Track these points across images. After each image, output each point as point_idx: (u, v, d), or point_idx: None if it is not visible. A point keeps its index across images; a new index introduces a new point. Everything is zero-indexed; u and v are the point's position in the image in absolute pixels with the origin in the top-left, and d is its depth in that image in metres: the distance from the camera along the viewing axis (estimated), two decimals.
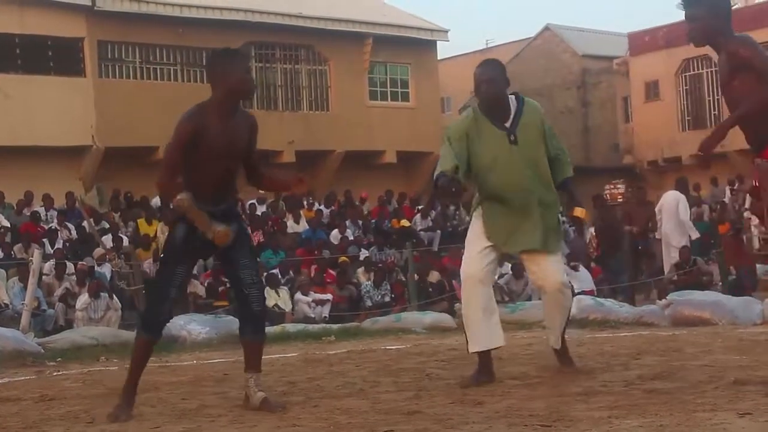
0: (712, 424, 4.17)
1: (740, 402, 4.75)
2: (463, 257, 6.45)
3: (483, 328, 6.18)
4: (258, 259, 6.15)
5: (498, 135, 6.26)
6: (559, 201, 6.56)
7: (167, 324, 5.75)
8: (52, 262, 15.68)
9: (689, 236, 15.46)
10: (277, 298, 15.35)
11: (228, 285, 15.20)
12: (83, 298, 14.31)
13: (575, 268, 15.30)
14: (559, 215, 6.71)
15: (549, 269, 6.33)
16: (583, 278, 15.35)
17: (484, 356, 6.19)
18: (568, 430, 4.26)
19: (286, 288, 16.07)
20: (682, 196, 15.73)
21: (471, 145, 6.29)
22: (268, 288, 14.15)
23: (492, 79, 6.29)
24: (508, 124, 6.29)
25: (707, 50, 22.75)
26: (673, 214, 15.18)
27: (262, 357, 5.65)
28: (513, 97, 6.39)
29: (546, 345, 7.88)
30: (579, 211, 6.41)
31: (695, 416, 4.40)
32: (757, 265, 16.10)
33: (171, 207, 5.45)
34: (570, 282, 7.41)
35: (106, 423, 5.22)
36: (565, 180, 6.48)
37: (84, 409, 5.79)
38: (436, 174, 6.18)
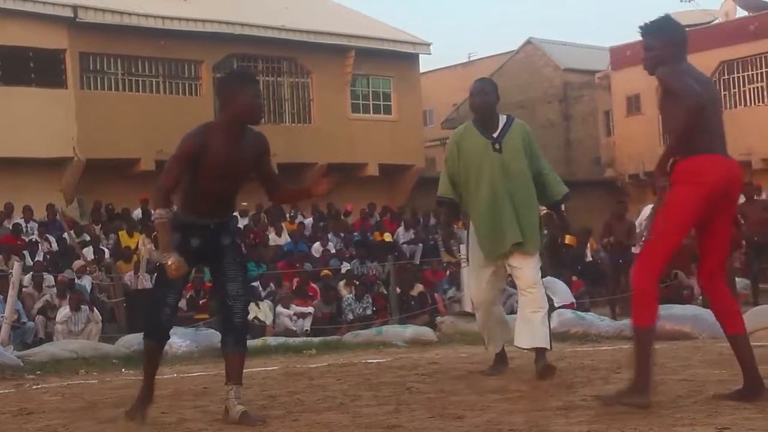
0: None
1: (719, 416, 4.76)
2: (471, 281, 7.57)
3: (500, 334, 7.37)
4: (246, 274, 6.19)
5: (484, 143, 7.08)
6: (539, 212, 7.27)
7: (170, 328, 5.78)
8: (31, 274, 15.61)
9: None
10: (257, 310, 15.32)
11: (209, 297, 15.22)
12: (64, 311, 14.24)
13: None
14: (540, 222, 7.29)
15: (525, 267, 7.04)
16: (562, 292, 15.33)
17: (501, 353, 7.43)
18: None
19: (267, 301, 16.05)
20: None
21: (460, 154, 7.18)
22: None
23: (484, 91, 7.20)
24: (495, 135, 7.10)
25: None
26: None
27: (244, 370, 5.64)
28: (505, 116, 7.25)
29: (526, 359, 7.90)
30: (569, 239, 7.02)
31: (674, 430, 4.41)
32: (737, 279, 16.15)
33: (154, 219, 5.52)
34: (548, 294, 8.04)
35: None
36: (557, 202, 7.35)
37: (63, 423, 5.76)
38: (439, 196, 7.33)
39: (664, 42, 5.15)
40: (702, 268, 5.37)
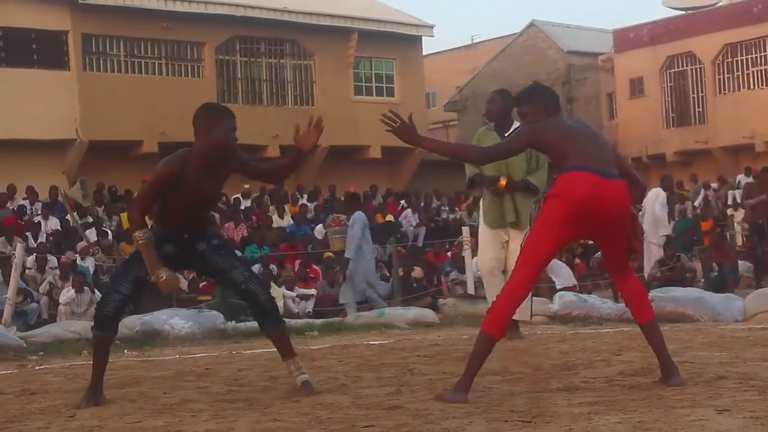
0: (690, 421, 4.19)
1: (719, 398, 4.77)
2: (479, 254, 9.26)
3: None
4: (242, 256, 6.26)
5: (496, 140, 8.23)
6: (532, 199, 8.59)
7: (120, 317, 5.80)
8: (35, 255, 15.63)
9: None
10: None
11: (210, 280, 15.24)
12: (68, 293, 14.27)
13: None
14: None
15: (515, 240, 8.48)
16: (564, 274, 15.35)
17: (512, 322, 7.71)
18: (548, 425, 4.27)
19: (272, 283, 16.06)
20: (663, 193, 15.78)
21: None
22: None
23: (493, 100, 8.86)
24: (506, 134, 8.42)
25: (691, 47, 22.74)
26: (652, 211, 15.24)
27: (252, 351, 5.67)
28: (518, 123, 7.87)
29: (528, 341, 7.92)
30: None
31: (674, 412, 4.42)
32: (740, 262, 16.17)
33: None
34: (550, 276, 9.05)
35: (87, 417, 5.21)
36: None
37: (65, 404, 5.77)
38: (472, 175, 8.86)
39: (534, 108, 5.58)
40: (608, 268, 5.94)
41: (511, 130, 8.44)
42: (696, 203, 21.53)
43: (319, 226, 20.11)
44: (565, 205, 5.14)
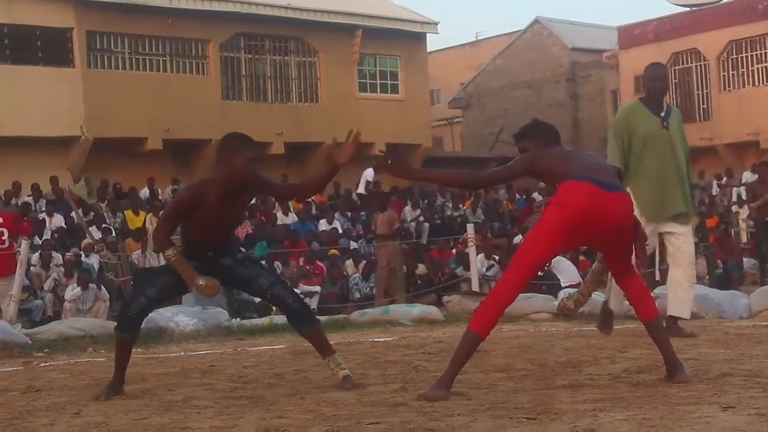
0: (695, 418, 4.19)
1: (724, 395, 4.77)
2: None
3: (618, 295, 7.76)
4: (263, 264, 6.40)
5: (655, 121, 7.93)
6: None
7: (147, 317, 6.01)
8: (39, 252, 15.65)
9: None
10: None
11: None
12: (73, 290, 14.29)
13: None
14: None
15: (684, 237, 8.02)
16: (569, 271, 15.34)
17: (609, 312, 8.09)
18: (553, 422, 4.27)
19: None
20: None
21: (629, 127, 7.96)
22: None
23: (660, 77, 8.29)
24: (662, 114, 7.99)
25: (696, 44, 22.70)
26: None
27: (255, 348, 5.69)
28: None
29: (533, 338, 7.92)
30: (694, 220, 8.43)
31: (679, 409, 4.42)
32: (745, 259, 16.16)
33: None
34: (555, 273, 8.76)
35: (92, 414, 5.22)
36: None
37: (71, 400, 5.78)
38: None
39: (534, 145, 5.56)
40: (609, 269, 5.91)
41: (665, 109, 8.06)
42: (713, 192, 21.64)
43: (323, 221, 20.14)
44: (563, 214, 5.15)
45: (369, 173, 22.95)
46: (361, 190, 23.60)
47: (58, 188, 20.03)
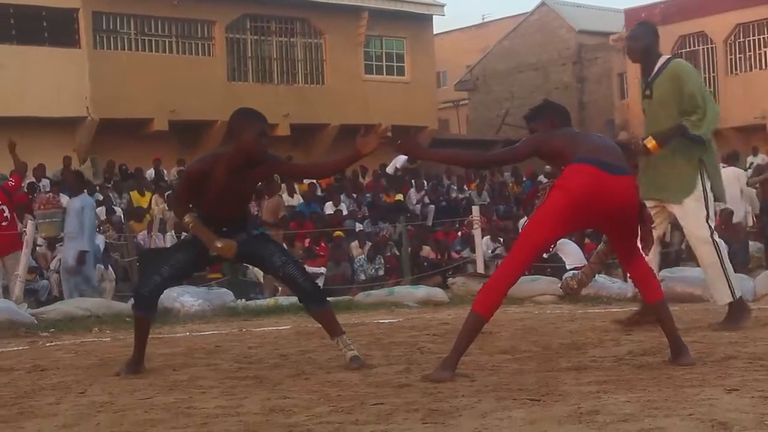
0: (699, 400, 4.20)
1: (728, 378, 4.78)
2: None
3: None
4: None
5: (641, 88, 7.16)
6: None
7: (157, 299, 6.02)
8: None
9: None
10: None
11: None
12: None
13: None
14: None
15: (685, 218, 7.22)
16: (574, 253, 15.31)
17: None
18: (557, 404, 4.28)
19: None
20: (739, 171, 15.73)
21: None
22: None
23: (636, 36, 7.25)
24: (648, 79, 7.13)
25: (703, 27, 22.68)
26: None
27: (262, 328, 5.71)
28: (666, 57, 7.16)
29: (537, 320, 7.92)
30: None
31: (683, 391, 4.43)
32: (750, 242, 16.13)
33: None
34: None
35: (98, 393, 5.24)
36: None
37: (76, 380, 5.81)
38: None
39: (544, 125, 5.56)
40: (615, 252, 5.84)
41: (656, 68, 7.09)
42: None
43: (329, 204, 20.13)
44: (566, 197, 5.15)
45: (401, 159, 22.87)
46: (389, 170, 23.56)
47: (68, 165, 20.10)
